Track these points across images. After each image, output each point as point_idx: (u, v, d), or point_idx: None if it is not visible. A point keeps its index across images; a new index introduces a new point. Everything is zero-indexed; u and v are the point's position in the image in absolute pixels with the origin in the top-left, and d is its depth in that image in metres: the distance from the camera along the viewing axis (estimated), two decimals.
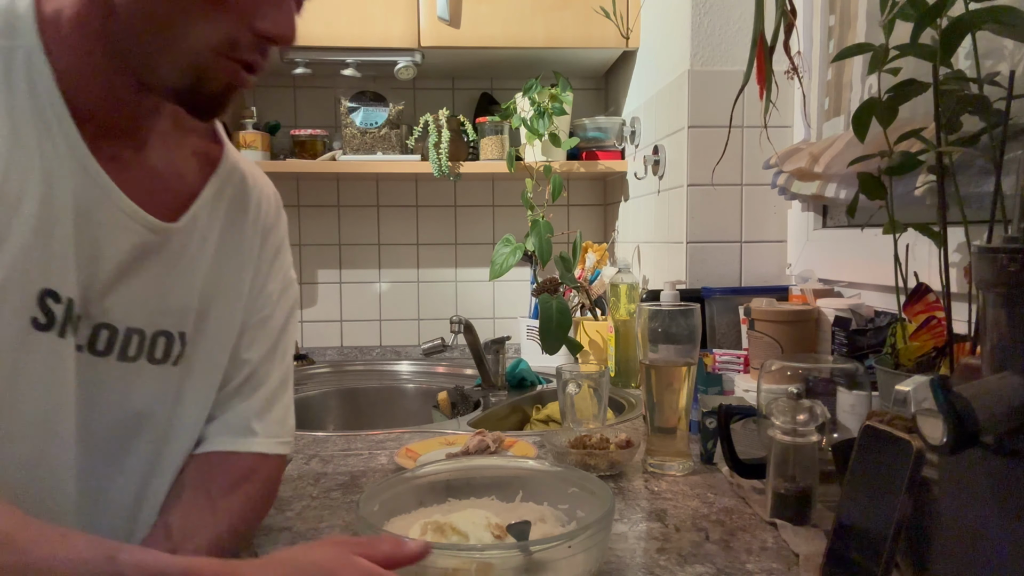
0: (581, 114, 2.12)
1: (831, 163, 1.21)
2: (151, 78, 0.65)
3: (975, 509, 0.51)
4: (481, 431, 1.18)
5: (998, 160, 0.75)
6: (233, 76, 0.65)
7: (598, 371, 1.22)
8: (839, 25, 1.40)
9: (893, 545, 0.61)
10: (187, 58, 0.63)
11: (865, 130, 0.89)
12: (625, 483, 1.01)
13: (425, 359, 1.98)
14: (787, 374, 0.95)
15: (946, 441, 0.46)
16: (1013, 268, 0.48)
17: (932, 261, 0.86)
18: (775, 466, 0.85)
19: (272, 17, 0.63)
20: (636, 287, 1.68)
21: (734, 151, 1.50)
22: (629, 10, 1.90)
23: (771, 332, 1.23)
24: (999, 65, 0.92)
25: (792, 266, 1.53)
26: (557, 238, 1.93)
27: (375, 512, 0.74)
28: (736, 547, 0.79)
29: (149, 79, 0.65)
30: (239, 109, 2.10)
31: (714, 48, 1.52)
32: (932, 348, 0.85)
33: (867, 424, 0.67)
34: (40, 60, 0.62)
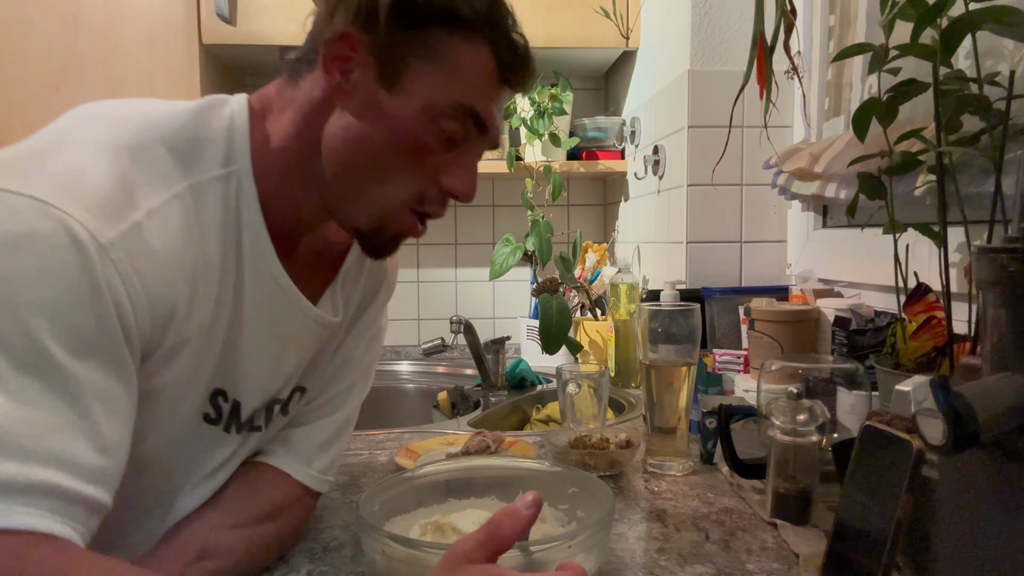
0: (581, 114, 2.12)
1: (831, 163, 1.21)
2: (339, 215, 0.71)
3: (975, 509, 0.51)
4: (481, 431, 1.18)
5: (998, 160, 0.75)
6: (411, 226, 0.72)
7: (598, 371, 1.22)
8: (839, 25, 1.40)
9: (893, 545, 0.61)
10: (378, 208, 0.69)
11: (865, 130, 0.89)
12: (625, 483, 1.01)
13: (425, 359, 1.98)
14: (787, 374, 0.95)
15: (946, 441, 0.46)
16: (1013, 268, 0.48)
17: (932, 261, 0.86)
18: (775, 466, 0.85)
19: (458, 175, 0.70)
20: (636, 287, 1.68)
21: (734, 151, 1.50)
22: (629, 10, 1.90)
23: (771, 332, 1.22)
24: (999, 65, 0.92)
25: (792, 266, 1.53)
26: (557, 238, 1.93)
27: (375, 512, 0.74)
28: (736, 547, 0.79)
29: (337, 215, 0.72)
30: None
31: (714, 48, 1.52)
32: (932, 348, 0.85)
33: (867, 424, 0.67)
34: (249, 183, 0.67)
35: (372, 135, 0.67)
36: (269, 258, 0.69)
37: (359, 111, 0.67)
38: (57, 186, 0.54)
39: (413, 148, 0.67)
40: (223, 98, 0.69)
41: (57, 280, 0.51)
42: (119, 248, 0.54)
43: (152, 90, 1.84)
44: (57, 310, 0.51)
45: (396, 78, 0.66)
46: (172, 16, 1.83)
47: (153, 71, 1.84)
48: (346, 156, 0.68)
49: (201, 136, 0.65)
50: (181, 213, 0.61)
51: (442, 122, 0.67)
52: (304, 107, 0.69)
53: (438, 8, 0.65)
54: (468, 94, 0.68)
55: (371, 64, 0.66)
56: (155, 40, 1.83)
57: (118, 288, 0.54)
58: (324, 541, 0.83)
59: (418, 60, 0.66)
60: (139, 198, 0.58)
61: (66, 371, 0.51)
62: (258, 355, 0.73)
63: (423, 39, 0.66)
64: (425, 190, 0.70)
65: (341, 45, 0.66)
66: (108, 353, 0.54)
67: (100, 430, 0.53)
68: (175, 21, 1.83)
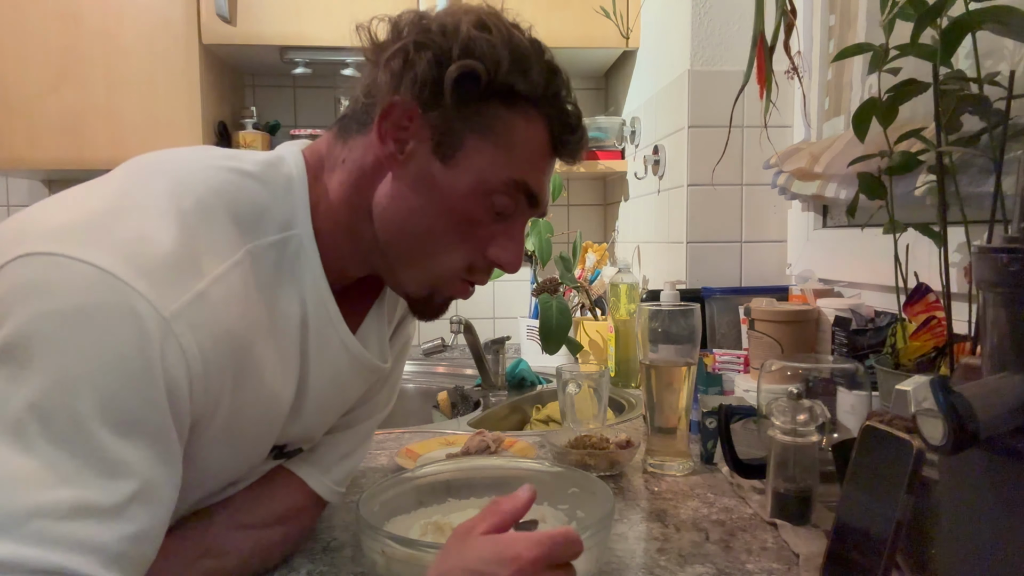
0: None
1: (831, 163, 1.21)
2: (390, 279, 0.72)
3: (975, 509, 0.51)
4: (481, 431, 1.18)
5: (998, 160, 0.75)
6: (459, 292, 0.73)
7: (598, 371, 1.22)
8: (839, 25, 1.40)
9: (893, 545, 0.61)
10: (429, 277, 0.70)
11: (865, 130, 0.89)
12: (625, 483, 1.01)
13: (425, 359, 1.98)
14: (787, 374, 0.95)
15: (946, 441, 0.46)
16: (1013, 268, 0.48)
17: (932, 261, 0.86)
18: (775, 466, 0.85)
19: (505, 246, 0.71)
20: (636, 287, 1.68)
21: (734, 151, 1.50)
22: (629, 10, 1.90)
23: (771, 332, 1.22)
24: (999, 65, 0.92)
25: (792, 266, 1.53)
26: (557, 238, 1.93)
27: (375, 512, 0.74)
28: (736, 547, 0.79)
29: (388, 279, 0.73)
30: (239, 109, 2.10)
31: (714, 48, 1.52)
32: (932, 348, 0.85)
33: (867, 424, 0.67)
34: (311, 245, 0.67)
35: (425, 207, 0.67)
36: (337, 321, 0.70)
37: (413, 182, 0.67)
38: (123, 255, 0.53)
39: (465, 221, 0.68)
40: (282, 156, 0.69)
41: (110, 357, 0.50)
42: (182, 320, 0.53)
43: (152, 90, 1.84)
44: (106, 388, 0.50)
45: (452, 152, 0.66)
46: (172, 16, 1.83)
47: (153, 71, 1.84)
48: (398, 225, 0.68)
49: (261, 201, 0.65)
50: (241, 280, 0.60)
51: (495, 197, 0.68)
52: (356, 170, 0.69)
53: (499, 85, 0.65)
54: (522, 170, 0.68)
55: (427, 136, 0.66)
56: (155, 40, 1.83)
57: (175, 364, 0.53)
58: (324, 541, 0.83)
59: (475, 135, 0.66)
60: (203, 266, 0.57)
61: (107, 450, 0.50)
62: (319, 412, 0.74)
63: (481, 114, 0.66)
64: (473, 260, 0.71)
65: (399, 115, 0.65)
66: (153, 433, 0.53)
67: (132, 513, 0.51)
68: (175, 21, 1.83)
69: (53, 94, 1.82)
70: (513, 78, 0.65)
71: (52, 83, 1.81)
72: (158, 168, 0.63)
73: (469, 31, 0.65)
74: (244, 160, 0.67)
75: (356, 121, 0.69)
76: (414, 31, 0.66)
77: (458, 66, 0.64)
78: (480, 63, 0.64)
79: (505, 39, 0.66)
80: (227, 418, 0.60)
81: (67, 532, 0.47)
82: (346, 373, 0.74)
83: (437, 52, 0.64)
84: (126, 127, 1.84)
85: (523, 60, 0.66)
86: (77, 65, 1.82)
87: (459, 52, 0.64)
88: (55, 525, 0.47)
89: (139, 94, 1.84)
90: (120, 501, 0.50)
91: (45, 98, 1.81)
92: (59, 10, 1.80)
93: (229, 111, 2.07)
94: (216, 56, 1.96)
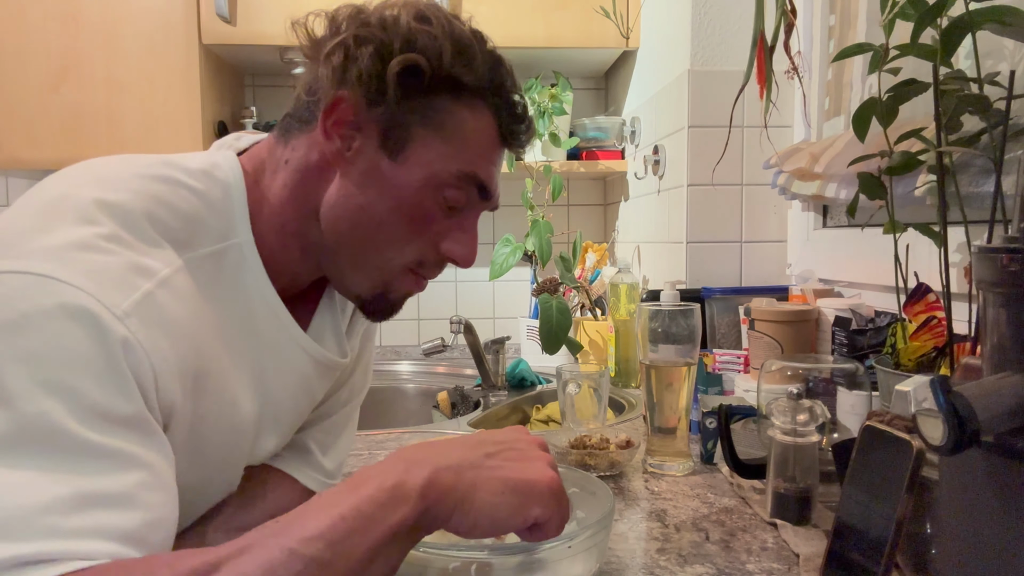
0: (581, 114, 2.12)
1: (831, 163, 1.21)
2: (338, 282, 0.71)
3: (975, 509, 0.51)
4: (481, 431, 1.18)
5: (998, 160, 0.75)
6: (412, 288, 0.72)
7: (598, 371, 1.22)
8: (839, 25, 1.40)
9: (893, 545, 0.61)
10: (379, 274, 0.69)
11: (865, 130, 0.89)
12: (625, 483, 1.01)
13: (425, 359, 1.98)
14: (787, 374, 0.95)
15: (946, 441, 0.46)
16: (1013, 268, 0.48)
17: (932, 261, 0.86)
18: (775, 466, 0.85)
19: (459, 240, 0.70)
20: (636, 287, 1.68)
21: (734, 151, 1.50)
22: (629, 10, 1.90)
23: (771, 332, 1.22)
24: (999, 65, 0.92)
25: (792, 266, 1.53)
26: (557, 238, 1.93)
27: None
28: (736, 547, 0.79)
29: (336, 282, 0.71)
30: (239, 109, 2.10)
31: (714, 48, 1.52)
32: (932, 348, 0.85)
33: (867, 424, 0.67)
34: (252, 253, 0.66)
35: (375, 204, 0.66)
36: (289, 325, 0.69)
37: (361, 179, 0.66)
38: (60, 261, 0.51)
39: (417, 217, 0.67)
40: (217, 162, 0.67)
41: (72, 358, 0.49)
42: (134, 318, 0.52)
43: (152, 90, 1.84)
44: (77, 389, 0.48)
45: (400, 147, 0.65)
46: (172, 16, 1.83)
47: (153, 71, 1.84)
48: (348, 226, 0.67)
49: (194, 211, 0.63)
50: (187, 284, 0.60)
51: (446, 191, 0.67)
52: (300, 170, 0.67)
53: (444, 77, 0.65)
54: (472, 163, 0.68)
55: (374, 131, 0.65)
56: (155, 40, 1.83)
57: (137, 360, 0.51)
58: None
59: (422, 129, 0.65)
60: (147, 268, 0.56)
61: (98, 446, 0.48)
62: (289, 415, 0.74)
63: (428, 107, 0.65)
64: (425, 255, 0.70)
65: (344, 110, 0.64)
66: (138, 424, 0.51)
67: (144, 500, 0.49)
68: (175, 21, 1.83)
69: (53, 94, 1.81)
70: (457, 70, 0.65)
71: (52, 83, 1.81)
72: (83, 180, 0.60)
73: (409, 23, 0.64)
74: (177, 168, 0.64)
75: (298, 120, 0.68)
76: (353, 25, 0.65)
77: (400, 60, 0.63)
78: (422, 56, 0.63)
79: (446, 31, 0.65)
80: (191, 425, 0.59)
81: (80, 523, 0.46)
82: (308, 374, 0.73)
83: (378, 46, 0.63)
84: (126, 127, 1.84)
85: (466, 51, 0.65)
86: (77, 65, 1.82)
87: (400, 45, 0.63)
88: (66, 519, 0.45)
89: (139, 94, 1.84)
90: (128, 489, 0.48)
91: (45, 98, 1.81)
92: (59, 10, 1.80)
93: (229, 111, 2.06)
94: (216, 56, 1.96)
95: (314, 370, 0.74)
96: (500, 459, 0.57)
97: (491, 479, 0.55)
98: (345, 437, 0.86)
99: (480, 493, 0.54)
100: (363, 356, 0.87)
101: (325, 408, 0.83)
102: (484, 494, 0.54)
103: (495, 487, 0.54)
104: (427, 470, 0.53)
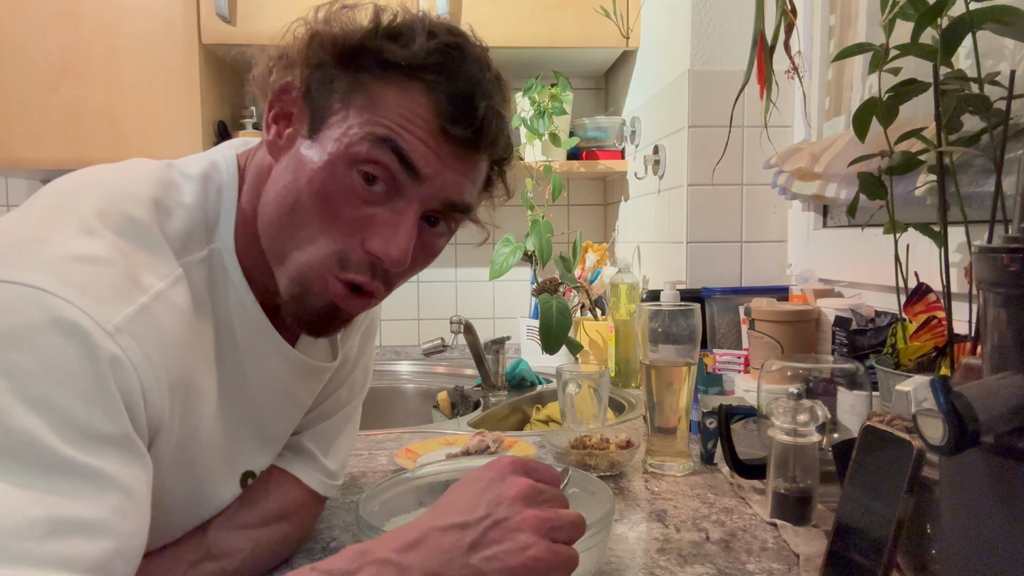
0: (581, 114, 2.12)
1: (831, 163, 1.21)
2: (272, 282, 0.66)
3: (975, 509, 0.51)
4: (481, 431, 1.18)
5: (998, 160, 0.75)
6: (337, 294, 0.63)
7: (598, 371, 1.22)
8: (839, 25, 1.40)
9: (893, 545, 0.61)
10: (297, 269, 0.63)
11: (865, 130, 0.89)
12: (625, 483, 1.01)
13: (425, 359, 1.98)
14: (787, 374, 0.95)
15: (946, 441, 0.46)
16: (1013, 268, 0.47)
17: (932, 261, 0.86)
18: (775, 466, 0.85)
19: (383, 233, 0.62)
20: (636, 287, 1.68)
21: (734, 151, 1.50)
22: (629, 10, 1.90)
23: (771, 332, 1.22)
24: (999, 65, 0.92)
25: (792, 266, 1.53)
26: (557, 238, 1.93)
27: (375, 512, 0.74)
28: (736, 547, 0.79)
29: (271, 283, 0.66)
30: (239, 109, 2.10)
31: (714, 48, 1.52)
32: (932, 348, 0.85)
33: (867, 424, 0.67)
34: (231, 259, 0.65)
35: (290, 186, 0.62)
36: (267, 332, 0.68)
37: (286, 164, 0.63)
38: (55, 274, 0.51)
39: (329, 195, 0.61)
40: (215, 162, 0.67)
41: (59, 374, 0.48)
42: (125, 333, 0.51)
43: (152, 90, 1.84)
44: (61, 405, 0.48)
45: (318, 126, 0.62)
46: (172, 16, 1.83)
47: (153, 71, 1.84)
48: (270, 214, 0.64)
49: (192, 214, 0.63)
50: (183, 296, 0.59)
51: (361, 165, 0.60)
52: (257, 170, 0.67)
53: (370, 52, 0.61)
54: (388, 128, 0.61)
55: (304, 117, 0.63)
56: (155, 40, 1.83)
57: (125, 377, 0.51)
58: (324, 541, 0.83)
59: (340, 105, 0.62)
60: (143, 281, 0.55)
61: (78, 466, 0.48)
62: (276, 423, 0.73)
63: (350, 85, 0.62)
64: (346, 251, 0.62)
65: (282, 100, 0.64)
66: (120, 443, 0.51)
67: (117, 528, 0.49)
68: (175, 21, 1.83)
69: (53, 94, 1.81)
70: (383, 45, 0.61)
71: (52, 83, 1.81)
72: (84, 188, 0.60)
73: (341, 7, 0.63)
74: (177, 173, 0.64)
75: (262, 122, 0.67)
76: (294, 26, 0.65)
77: (310, 32, 0.62)
78: (339, 30, 0.62)
79: (377, 11, 0.63)
80: (182, 439, 0.59)
81: (52, 550, 0.45)
82: (292, 381, 0.73)
83: (312, 34, 0.63)
84: (126, 127, 1.84)
85: (402, 30, 0.62)
86: (77, 65, 1.82)
87: (321, 24, 0.63)
88: (38, 545, 0.45)
89: (139, 94, 1.84)
90: (102, 515, 0.48)
91: (45, 98, 1.81)
92: (59, 10, 1.80)
93: (229, 111, 2.06)
94: (216, 56, 1.96)
95: (299, 377, 0.73)
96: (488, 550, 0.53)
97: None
98: (346, 437, 0.86)
99: None
100: (363, 356, 0.87)
101: (324, 408, 0.83)
102: None
103: None
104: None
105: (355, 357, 0.85)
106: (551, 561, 0.54)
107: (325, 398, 0.83)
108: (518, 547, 0.53)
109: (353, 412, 0.88)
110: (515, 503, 0.55)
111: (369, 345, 0.88)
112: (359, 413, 0.89)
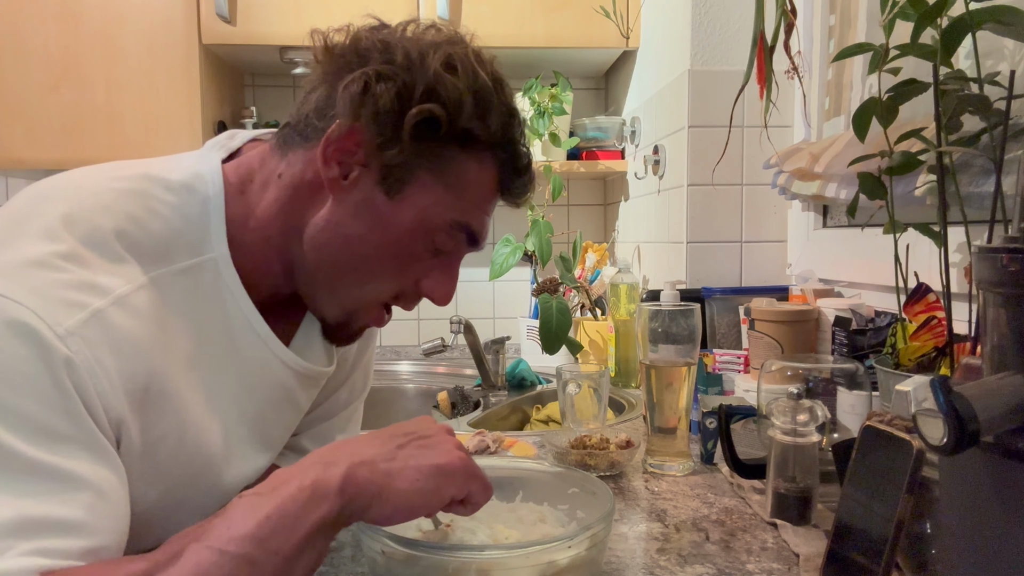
0: (581, 114, 2.12)
1: (831, 163, 1.21)
2: (310, 301, 0.70)
3: (975, 509, 0.51)
4: (481, 431, 1.18)
5: (998, 160, 0.75)
6: (377, 318, 0.72)
7: (598, 371, 1.22)
8: (839, 25, 1.40)
9: (893, 545, 0.61)
10: (351, 304, 0.69)
11: (865, 130, 0.89)
12: (625, 483, 1.01)
13: (425, 359, 1.98)
14: (787, 374, 0.95)
15: (946, 441, 0.46)
16: (1013, 268, 0.48)
17: (932, 261, 0.86)
18: (775, 466, 0.85)
19: (439, 280, 0.71)
20: (636, 287, 1.68)
21: (734, 151, 1.50)
22: (629, 10, 1.90)
23: (771, 332, 1.22)
24: (999, 65, 0.92)
25: (792, 266, 1.53)
26: (557, 238, 1.93)
27: None
28: (736, 547, 0.79)
29: (308, 300, 0.70)
30: (239, 109, 2.10)
31: (714, 48, 1.52)
32: (932, 348, 0.85)
33: (867, 424, 0.67)
34: (228, 268, 0.65)
35: (365, 237, 0.66)
36: (268, 339, 0.68)
37: (354, 210, 0.65)
38: (10, 278, 0.52)
39: (403, 256, 0.68)
40: (199, 173, 0.66)
41: (14, 376, 0.49)
42: (76, 338, 0.52)
43: (152, 90, 1.84)
44: (19, 408, 0.48)
45: (400, 186, 0.65)
46: (172, 16, 1.83)
47: (153, 71, 1.84)
48: (334, 253, 0.67)
49: (170, 225, 0.63)
50: (149, 303, 0.59)
51: (436, 235, 0.68)
52: (293, 186, 0.67)
53: (458, 130, 0.65)
54: (467, 212, 0.68)
55: (375, 167, 0.65)
56: (155, 40, 1.83)
57: (80, 379, 0.51)
58: None
59: (426, 174, 0.65)
60: (101, 286, 0.56)
61: (37, 465, 0.48)
62: (273, 429, 0.73)
63: (436, 155, 0.65)
64: (403, 290, 0.70)
65: (351, 142, 0.64)
66: (85, 441, 0.51)
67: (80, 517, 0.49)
68: (175, 21, 1.83)
69: (53, 94, 1.82)
70: (472, 123, 0.64)
71: (52, 83, 1.81)
72: (57, 192, 0.61)
73: (435, 69, 0.63)
74: (156, 182, 0.64)
75: (300, 135, 0.67)
76: (378, 58, 0.64)
77: (420, 110, 0.62)
78: (443, 108, 0.63)
79: (470, 82, 0.64)
80: (144, 445, 0.58)
81: (25, 548, 0.45)
82: (291, 386, 0.73)
83: (400, 87, 0.63)
84: (126, 127, 1.84)
85: (484, 104, 0.65)
86: (77, 65, 1.82)
87: (423, 91, 0.63)
88: (9, 546, 0.45)
89: (139, 94, 1.84)
90: (74, 513, 0.48)
91: (45, 98, 1.81)
92: (59, 10, 1.80)
93: (229, 111, 2.06)
94: (216, 56, 1.96)
95: (297, 382, 0.73)
96: (411, 448, 0.59)
97: (404, 468, 0.57)
98: (347, 437, 0.86)
99: (395, 483, 0.56)
100: (363, 357, 0.87)
101: (324, 410, 0.83)
102: (399, 483, 0.56)
103: (409, 476, 0.57)
104: (343, 467, 0.54)
105: (354, 358, 0.85)
106: (470, 470, 0.60)
107: (324, 399, 0.83)
108: (439, 452, 0.60)
109: (353, 414, 0.88)
110: (441, 432, 0.62)
111: (369, 346, 0.88)
112: (360, 414, 0.89)
